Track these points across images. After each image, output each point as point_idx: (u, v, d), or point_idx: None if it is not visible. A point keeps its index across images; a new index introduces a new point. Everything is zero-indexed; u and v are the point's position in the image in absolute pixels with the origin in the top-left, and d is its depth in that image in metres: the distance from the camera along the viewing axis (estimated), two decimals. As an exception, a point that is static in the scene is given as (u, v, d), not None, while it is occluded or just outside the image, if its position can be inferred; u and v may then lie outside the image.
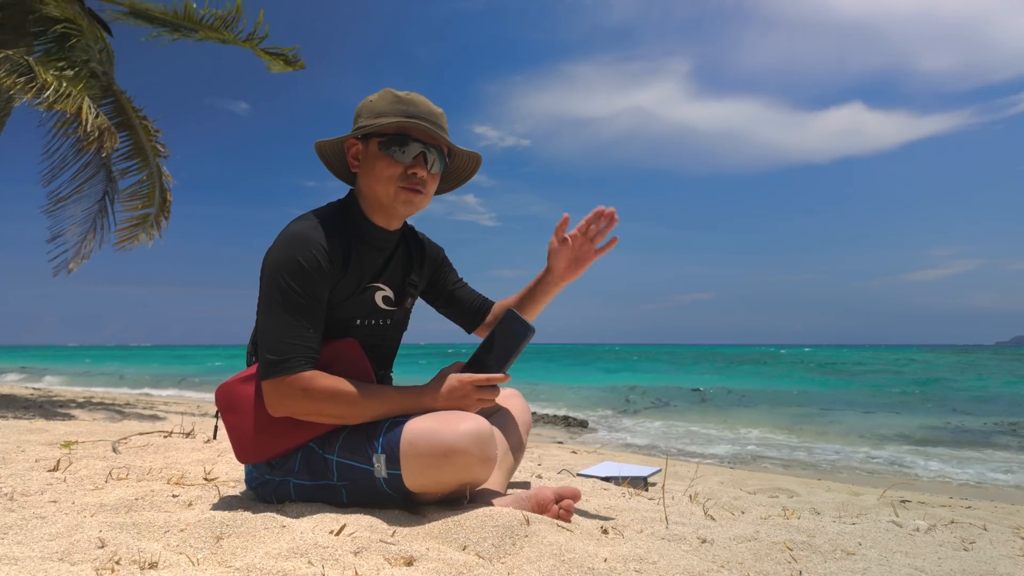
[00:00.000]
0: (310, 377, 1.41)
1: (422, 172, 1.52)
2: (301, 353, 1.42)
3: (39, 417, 4.93)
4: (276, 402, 1.43)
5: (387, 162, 1.51)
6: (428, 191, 1.57)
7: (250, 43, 7.00)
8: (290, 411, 1.43)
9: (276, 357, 1.41)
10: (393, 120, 1.49)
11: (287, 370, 1.40)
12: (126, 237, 7.72)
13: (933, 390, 16.31)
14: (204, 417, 5.99)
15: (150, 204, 7.72)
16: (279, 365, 1.40)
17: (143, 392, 14.75)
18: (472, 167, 1.70)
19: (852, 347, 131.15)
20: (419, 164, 1.52)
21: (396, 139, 1.50)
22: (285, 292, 1.42)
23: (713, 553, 1.35)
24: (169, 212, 7.77)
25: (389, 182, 1.51)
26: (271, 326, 1.43)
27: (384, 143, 1.50)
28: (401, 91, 1.54)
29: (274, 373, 1.41)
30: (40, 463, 2.01)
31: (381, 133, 1.51)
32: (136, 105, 7.49)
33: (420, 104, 1.53)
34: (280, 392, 1.41)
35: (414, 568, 1.12)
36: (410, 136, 1.50)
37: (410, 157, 1.51)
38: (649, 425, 9.29)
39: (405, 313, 1.70)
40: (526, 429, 1.85)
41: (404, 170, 1.51)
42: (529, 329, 1.52)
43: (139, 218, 7.74)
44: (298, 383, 1.40)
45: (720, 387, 16.96)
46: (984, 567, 1.37)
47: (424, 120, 1.51)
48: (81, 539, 1.14)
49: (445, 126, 1.57)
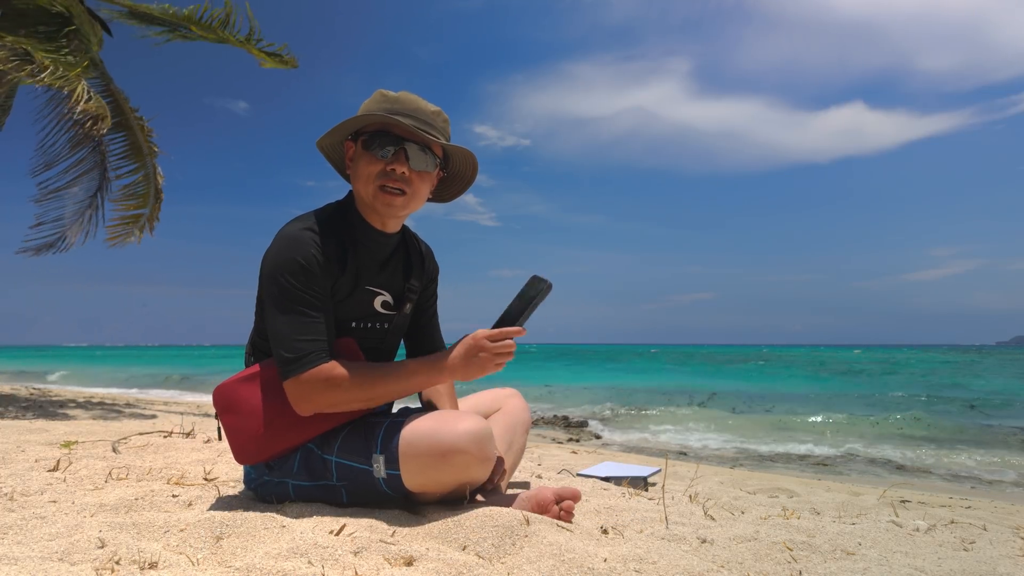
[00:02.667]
0: (329, 368, 1.41)
1: (401, 168, 1.47)
2: (316, 347, 1.41)
3: (39, 417, 4.93)
4: (302, 399, 1.41)
5: (368, 160, 1.49)
6: (414, 191, 1.52)
7: (247, 43, 7.00)
8: (317, 405, 1.42)
9: (292, 355, 1.40)
10: (373, 116, 1.47)
11: (305, 365, 1.39)
12: (118, 235, 7.72)
13: (933, 390, 16.31)
14: (204, 417, 5.99)
15: (144, 204, 7.72)
16: (297, 362, 1.40)
17: (143, 392, 14.75)
18: (471, 171, 1.65)
19: (852, 347, 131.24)
20: (398, 160, 1.48)
21: (376, 135, 1.48)
22: (289, 291, 1.42)
23: (713, 553, 1.35)
24: (159, 211, 7.77)
25: (369, 181, 1.49)
26: (281, 327, 1.42)
27: (366, 140, 1.49)
28: (394, 91, 1.52)
29: (294, 371, 1.40)
30: (40, 463, 2.01)
31: (364, 131, 1.50)
32: (132, 106, 7.50)
33: (406, 102, 1.50)
34: (303, 389, 1.40)
35: (414, 568, 1.12)
36: (391, 133, 1.47)
37: (389, 153, 1.48)
38: (649, 425, 9.29)
39: (404, 318, 1.68)
40: (525, 429, 1.85)
41: (384, 167, 1.48)
42: (544, 283, 1.46)
43: (131, 217, 7.74)
44: (319, 376, 1.39)
45: (720, 387, 16.95)
46: (984, 567, 1.37)
47: (407, 116, 1.47)
48: (81, 539, 1.14)
49: (438, 125, 1.53)
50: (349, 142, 1.56)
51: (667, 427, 9.06)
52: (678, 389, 16.18)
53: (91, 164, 7.64)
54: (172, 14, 7.04)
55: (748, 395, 14.60)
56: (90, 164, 7.63)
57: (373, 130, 1.49)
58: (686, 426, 9.13)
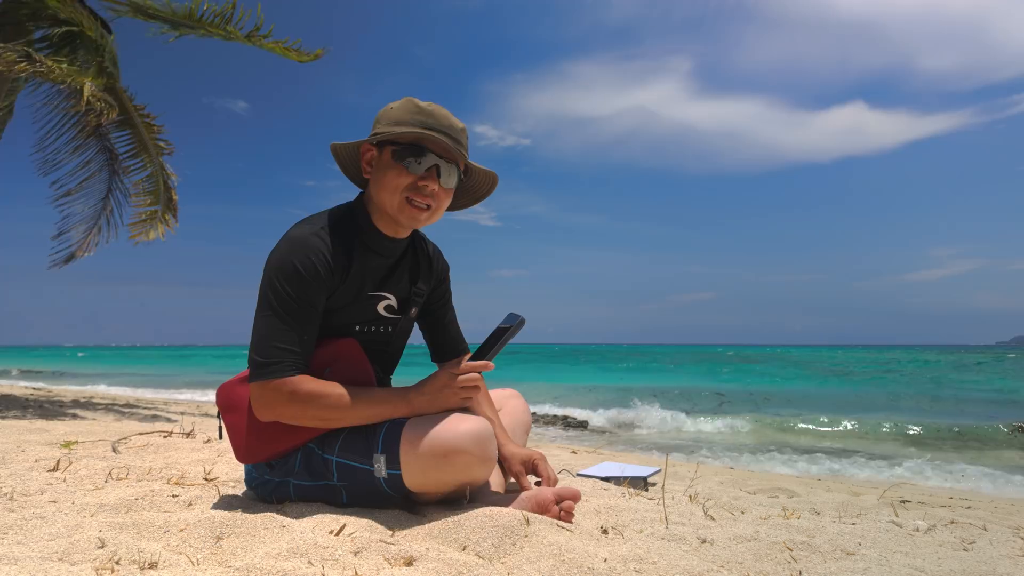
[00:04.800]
0: (297, 381, 1.40)
1: (433, 185, 1.48)
2: (288, 358, 1.41)
3: (39, 417, 4.93)
4: (263, 405, 1.42)
5: (398, 171, 1.47)
6: (439, 206, 1.53)
7: (255, 40, 6.98)
8: (276, 414, 1.42)
9: (263, 360, 1.40)
10: (410, 130, 1.45)
11: (275, 373, 1.39)
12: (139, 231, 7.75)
13: (933, 390, 16.30)
14: (204, 417, 5.99)
15: (156, 201, 7.75)
16: (266, 367, 1.40)
17: (143, 392, 14.74)
18: (488, 186, 1.65)
19: (852, 347, 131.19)
20: (431, 177, 1.48)
21: (411, 149, 1.46)
22: (279, 295, 1.41)
23: (713, 553, 1.35)
24: (176, 210, 7.80)
25: (396, 192, 1.48)
26: (261, 328, 1.42)
27: (398, 152, 1.47)
28: (424, 102, 1.50)
29: (260, 376, 1.40)
30: (40, 463, 2.01)
31: (396, 142, 1.48)
32: (137, 104, 7.50)
33: (440, 117, 1.48)
34: (266, 396, 1.40)
35: (414, 568, 1.12)
36: (425, 148, 1.47)
37: (423, 169, 1.47)
38: (649, 425, 9.29)
39: (409, 321, 1.68)
40: (526, 430, 1.85)
41: (415, 181, 1.47)
42: (517, 319, 1.54)
43: (148, 214, 7.79)
44: (284, 387, 1.39)
45: (720, 387, 16.96)
46: (984, 567, 1.37)
47: (442, 133, 1.47)
48: (81, 539, 1.14)
49: (465, 142, 1.53)
50: (368, 146, 1.53)
51: (667, 427, 9.07)
52: (678, 389, 16.18)
53: (99, 165, 7.66)
54: (173, 11, 7.03)
55: (748, 395, 14.60)
56: (97, 166, 7.66)
57: (407, 142, 1.47)
58: (686, 426, 9.13)
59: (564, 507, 1.46)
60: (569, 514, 1.46)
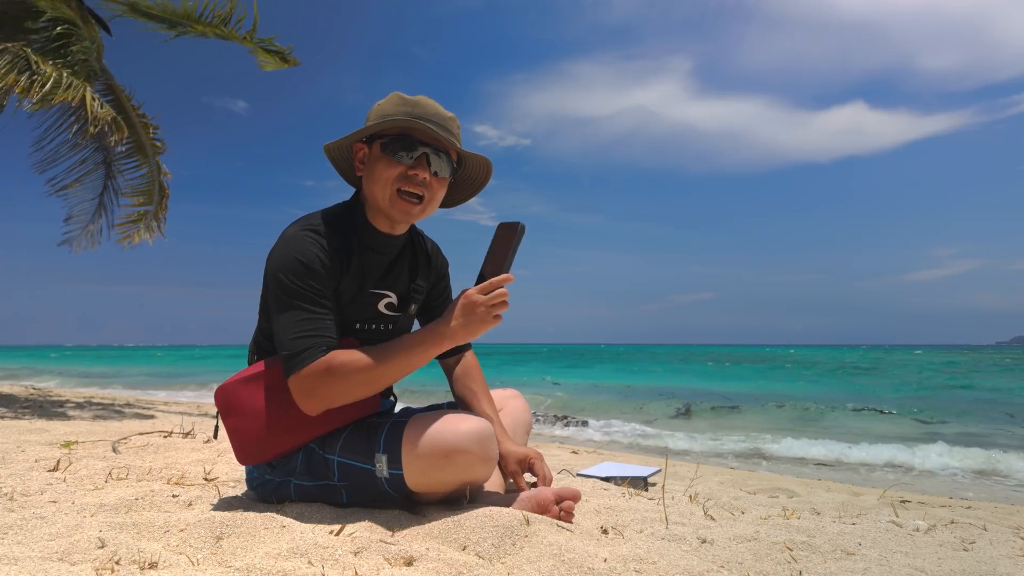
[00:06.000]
0: (328, 359, 1.37)
1: (424, 174, 1.46)
2: (314, 343, 1.38)
3: (39, 417, 4.92)
4: (305, 396, 1.38)
5: (388, 163, 1.46)
6: (432, 197, 1.51)
7: (249, 40, 6.99)
8: (322, 399, 1.38)
9: (290, 352, 1.38)
10: (396, 120, 1.45)
11: (304, 361, 1.37)
12: (127, 233, 7.75)
13: (933, 390, 16.30)
14: (204, 417, 5.99)
15: (149, 201, 7.75)
16: (295, 359, 1.37)
17: (143, 392, 14.73)
18: (483, 175, 1.63)
19: (852, 347, 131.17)
20: (420, 166, 1.46)
21: (398, 139, 1.46)
22: (288, 289, 1.41)
23: (713, 553, 1.35)
24: (166, 209, 7.79)
25: (387, 184, 1.46)
26: (282, 326, 1.40)
27: (387, 144, 1.46)
28: (411, 95, 1.50)
29: (294, 368, 1.37)
30: (40, 463, 2.01)
31: (384, 134, 1.47)
32: (134, 103, 7.51)
33: (426, 106, 1.48)
34: (304, 384, 1.37)
35: (414, 568, 1.13)
36: (413, 137, 1.46)
37: (412, 158, 1.46)
38: (649, 425, 9.29)
39: (409, 319, 1.67)
40: (527, 430, 1.85)
41: (405, 171, 1.46)
42: (518, 226, 1.44)
43: (137, 215, 7.77)
44: (318, 368, 1.36)
45: (720, 387, 16.96)
46: (984, 567, 1.37)
47: (429, 122, 1.46)
48: (81, 539, 1.14)
49: (455, 131, 1.52)
50: (360, 144, 1.53)
51: (667, 427, 9.06)
52: (678, 389, 16.17)
53: (95, 164, 7.66)
54: (172, 12, 7.04)
55: (748, 395, 14.60)
56: (93, 164, 7.65)
57: (394, 134, 1.46)
58: (686, 426, 9.13)
59: (564, 507, 1.46)
60: (569, 514, 1.46)
